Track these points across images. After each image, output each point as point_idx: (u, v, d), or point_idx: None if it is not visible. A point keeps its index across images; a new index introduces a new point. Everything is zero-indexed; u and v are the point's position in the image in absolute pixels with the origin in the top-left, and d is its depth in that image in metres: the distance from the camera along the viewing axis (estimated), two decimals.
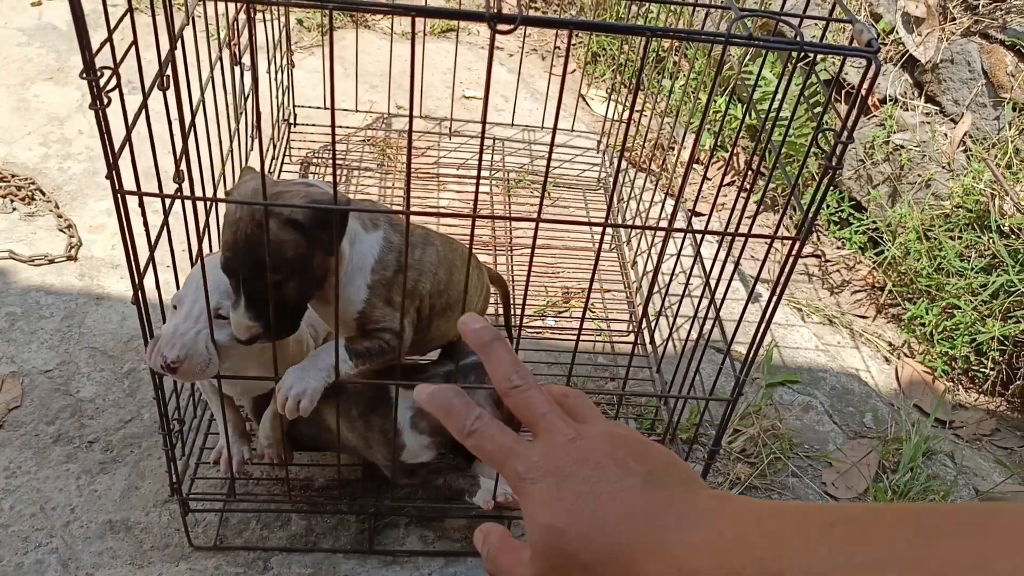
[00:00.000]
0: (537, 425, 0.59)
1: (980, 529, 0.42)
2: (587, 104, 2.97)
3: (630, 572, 0.52)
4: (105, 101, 0.95)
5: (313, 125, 2.55)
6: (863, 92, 0.98)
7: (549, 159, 1.01)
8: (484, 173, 2.55)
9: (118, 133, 1.01)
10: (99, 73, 0.93)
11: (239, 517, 1.59)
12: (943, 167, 2.34)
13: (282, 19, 2.29)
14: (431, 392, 0.62)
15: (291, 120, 2.52)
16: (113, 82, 0.96)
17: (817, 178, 1.08)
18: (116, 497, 1.60)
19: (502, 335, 0.63)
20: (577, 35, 3.32)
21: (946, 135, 2.39)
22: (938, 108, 2.47)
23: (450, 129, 2.67)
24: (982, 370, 2.16)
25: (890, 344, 2.28)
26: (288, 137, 2.48)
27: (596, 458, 0.56)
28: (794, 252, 1.14)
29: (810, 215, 1.10)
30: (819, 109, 1.05)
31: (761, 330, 1.25)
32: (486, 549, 0.60)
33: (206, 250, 1.58)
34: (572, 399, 0.64)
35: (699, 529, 0.51)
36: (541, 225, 1.05)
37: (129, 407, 1.77)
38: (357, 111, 2.61)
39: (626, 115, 2.26)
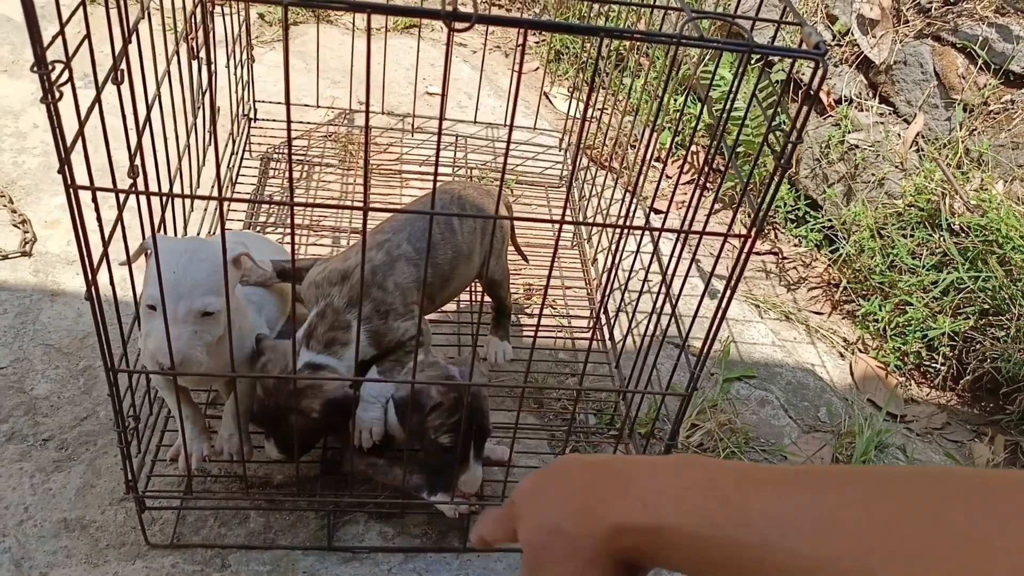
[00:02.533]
0: (514, 516, 0.64)
1: (935, 483, 0.44)
2: (550, 102, 2.99)
3: (601, 520, 0.54)
4: (57, 95, 0.94)
5: (274, 120, 2.53)
6: (812, 92, 1.01)
7: (506, 156, 1.01)
8: (447, 170, 2.56)
9: (72, 127, 1.00)
10: (51, 67, 0.92)
11: (196, 515, 1.58)
12: (896, 167, 2.39)
13: (242, 14, 2.27)
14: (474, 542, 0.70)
15: (251, 115, 2.50)
16: (65, 76, 0.95)
17: (771, 176, 1.11)
18: (71, 495, 1.58)
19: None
20: (540, 34, 3.33)
21: (899, 135, 2.44)
22: (892, 109, 2.52)
23: (412, 126, 2.66)
24: (933, 365, 2.21)
25: (845, 340, 2.32)
26: (248, 132, 2.46)
27: (565, 465, 0.61)
28: (747, 248, 1.16)
29: (761, 212, 1.13)
30: (771, 110, 1.07)
31: (715, 325, 1.27)
32: (484, 524, 0.67)
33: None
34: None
35: (667, 476, 0.53)
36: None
37: (84, 404, 1.75)
38: (319, 107, 2.60)
39: (587, 113, 2.28)
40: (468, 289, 1.99)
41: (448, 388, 1.41)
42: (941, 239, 2.20)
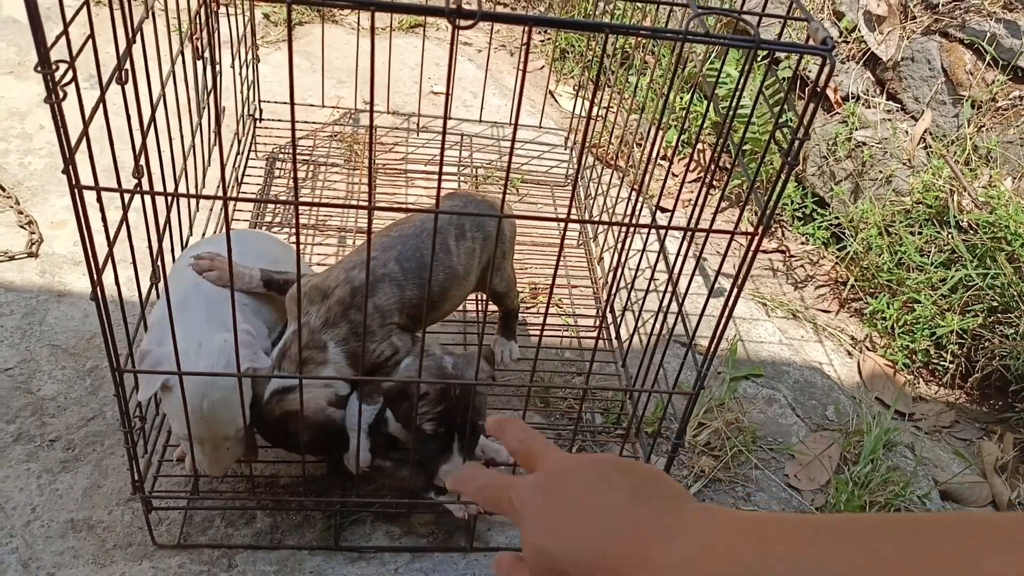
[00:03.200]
0: (534, 461, 0.64)
1: (963, 532, 0.42)
2: (556, 100, 2.98)
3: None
4: (61, 95, 0.94)
5: (279, 120, 2.53)
6: (819, 89, 1.00)
7: (511, 155, 1.01)
8: (452, 169, 2.55)
9: (76, 128, 1.00)
10: (55, 67, 0.92)
11: (203, 515, 1.58)
12: (904, 164, 2.38)
13: (246, 13, 2.27)
14: (454, 478, 0.72)
15: (256, 115, 2.50)
16: (69, 76, 0.95)
17: (778, 174, 1.10)
18: (78, 496, 1.59)
19: (515, 418, 0.73)
20: (545, 32, 3.33)
21: (907, 132, 2.43)
22: (899, 105, 2.51)
23: (417, 125, 2.66)
24: (942, 363, 2.20)
25: (852, 338, 2.31)
26: (253, 132, 2.47)
27: (583, 477, 0.58)
28: (754, 246, 1.16)
29: (768, 210, 1.12)
30: (778, 108, 1.06)
31: (722, 323, 1.26)
32: (500, 572, 0.66)
33: (166, 246, 1.57)
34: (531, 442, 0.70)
35: (684, 541, 0.51)
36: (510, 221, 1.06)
37: (91, 405, 1.75)
38: (324, 106, 2.60)
39: (591, 111, 2.28)
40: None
41: (437, 374, 1.41)
42: (949, 236, 2.19)
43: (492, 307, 1.90)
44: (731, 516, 0.52)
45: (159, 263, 1.23)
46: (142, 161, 1.13)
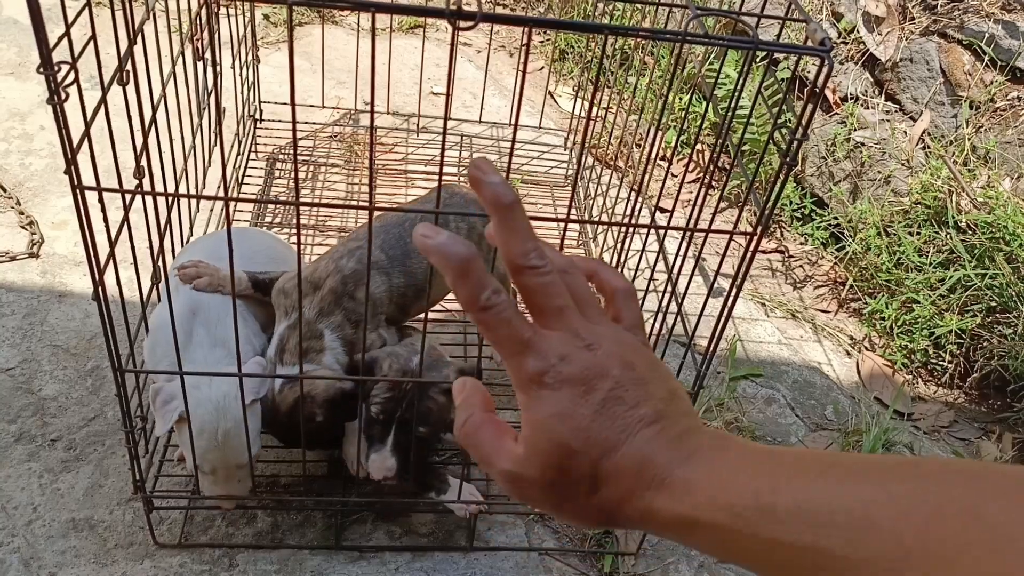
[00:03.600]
0: (550, 318, 0.53)
1: (973, 476, 0.43)
2: (555, 101, 2.99)
3: (626, 498, 0.51)
4: (63, 96, 0.95)
5: (279, 121, 2.54)
6: (818, 90, 1.01)
7: (511, 156, 1.02)
8: (452, 170, 2.56)
9: (78, 129, 1.00)
10: (56, 68, 0.93)
11: (204, 514, 1.58)
12: (902, 164, 2.39)
13: (247, 14, 2.28)
14: (443, 240, 0.51)
15: (257, 116, 2.50)
16: (71, 77, 0.96)
17: (777, 175, 1.11)
18: (79, 495, 1.59)
19: (520, 199, 0.54)
20: (545, 33, 3.33)
21: (905, 133, 2.43)
22: (898, 106, 2.51)
23: (417, 125, 2.67)
24: (940, 363, 2.20)
25: (851, 338, 2.32)
26: (254, 133, 2.47)
27: (616, 374, 0.52)
28: (753, 247, 1.16)
29: (767, 210, 1.12)
30: (777, 108, 1.07)
31: (721, 323, 1.27)
32: (464, 415, 0.55)
33: (167, 246, 1.58)
34: (571, 277, 0.58)
35: (700, 466, 0.51)
36: None
37: (92, 405, 1.76)
38: (324, 107, 2.60)
39: (591, 112, 2.28)
40: None
41: (398, 369, 1.42)
42: (948, 236, 2.19)
43: None
44: (744, 445, 0.52)
45: (160, 263, 1.24)
46: (143, 161, 1.13)
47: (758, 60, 2.60)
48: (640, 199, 1.67)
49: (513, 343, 0.52)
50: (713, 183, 2.65)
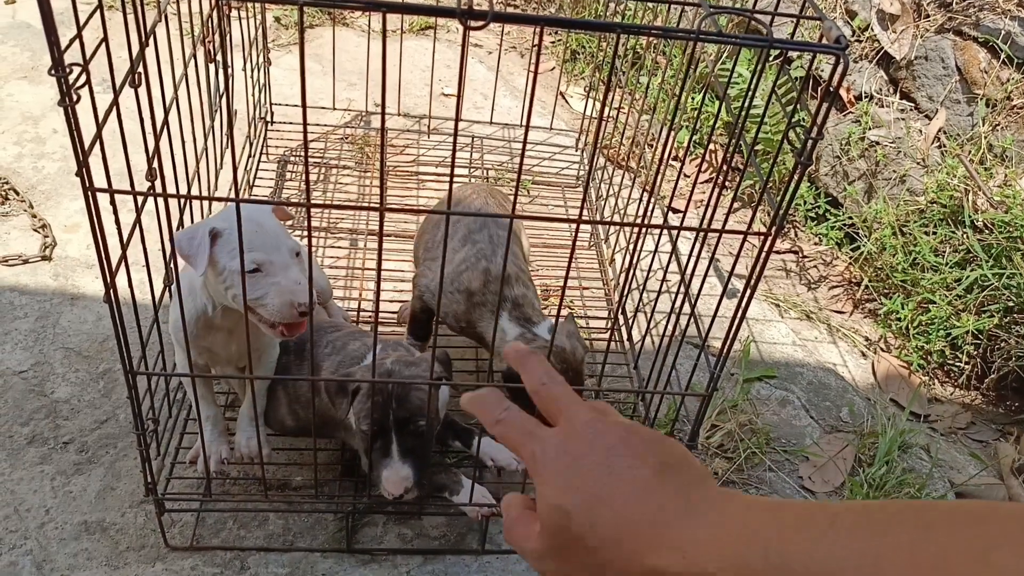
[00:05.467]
0: (559, 413, 0.61)
1: (978, 521, 0.42)
2: (566, 102, 2.98)
3: (634, 559, 0.52)
4: (75, 98, 0.94)
5: (290, 123, 2.54)
6: (832, 88, 0.99)
7: (523, 157, 1.01)
8: (463, 171, 2.55)
9: (90, 131, 1.00)
10: (68, 70, 0.92)
11: (216, 517, 1.58)
12: (918, 163, 2.36)
13: (258, 16, 2.28)
14: (473, 395, 0.66)
15: (268, 118, 2.50)
16: (83, 79, 0.95)
17: (791, 174, 1.10)
18: (91, 498, 1.59)
19: (538, 352, 0.69)
20: (556, 33, 3.32)
21: (921, 131, 2.41)
22: (913, 104, 2.49)
23: (428, 127, 2.66)
24: (957, 364, 2.18)
25: (866, 339, 2.30)
26: (265, 135, 2.47)
27: (610, 442, 0.57)
28: (767, 247, 1.15)
29: (781, 210, 1.11)
30: (791, 107, 1.06)
31: (735, 325, 1.26)
32: (507, 519, 0.63)
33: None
34: (595, 403, 0.67)
35: (705, 522, 0.51)
36: (521, 223, 1.05)
37: (104, 407, 1.76)
38: (335, 109, 2.60)
39: (603, 112, 2.27)
40: None
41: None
42: (964, 236, 2.17)
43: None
44: (751, 500, 0.52)
45: (172, 265, 1.23)
46: (155, 164, 1.13)
47: (772, 58, 2.58)
48: (652, 199, 1.66)
49: (520, 436, 0.61)
50: (726, 183, 2.63)
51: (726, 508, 0.52)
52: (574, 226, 2.39)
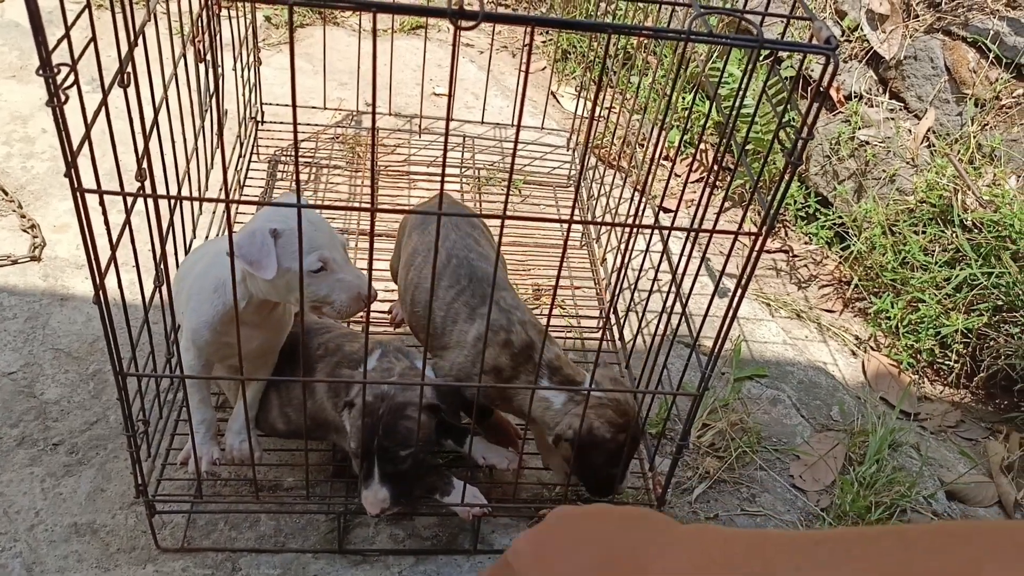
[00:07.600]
0: None
1: (962, 540, 0.42)
2: (558, 101, 2.98)
3: None
4: (63, 98, 0.94)
5: (281, 123, 2.53)
6: (822, 88, 1.00)
7: (514, 156, 1.01)
8: (455, 171, 2.55)
9: (79, 131, 1.00)
10: (56, 70, 0.92)
11: (207, 518, 1.58)
12: (907, 163, 2.37)
13: (248, 16, 2.27)
14: None
15: (259, 117, 2.50)
16: (71, 79, 0.95)
17: (781, 174, 1.10)
18: (81, 500, 1.58)
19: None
20: (547, 33, 3.32)
21: (910, 131, 2.42)
22: (902, 104, 2.50)
23: (419, 127, 2.66)
24: (947, 362, 2.19)
25: (857, 338, 2.31)
26: (256, 135, 2.46)
27: (572, 520, 0.59)
28: (758, 247, 1.15)
29: (771, 210, 1.11)
30: (781, 107, 1.06)
31: (726, 324, 1.26)
32: None
33: (169, 249, 1.57)
34: None
35: (681, 557, 0.51)
36: (513, 223, 1.05)
37: (94, 409, 1.75)
38: (326, 108, 2.60)
39: (594, 112, 2.27)
40: None
41: (371, 395, 1.38)
42: (953, 235, 2.18)
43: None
44: (726, 531, 0.52)
45: (162, 266, 1.23)
46: (144, 164, 1.12)
47: (762, 59, 2.59)
48: (644, 199, 1.66)
49: (499, 565, 0.63)
50: (717, 183, 2.64)
51: (701, 541, 0.52)
52: (565, 226, 2.39)
